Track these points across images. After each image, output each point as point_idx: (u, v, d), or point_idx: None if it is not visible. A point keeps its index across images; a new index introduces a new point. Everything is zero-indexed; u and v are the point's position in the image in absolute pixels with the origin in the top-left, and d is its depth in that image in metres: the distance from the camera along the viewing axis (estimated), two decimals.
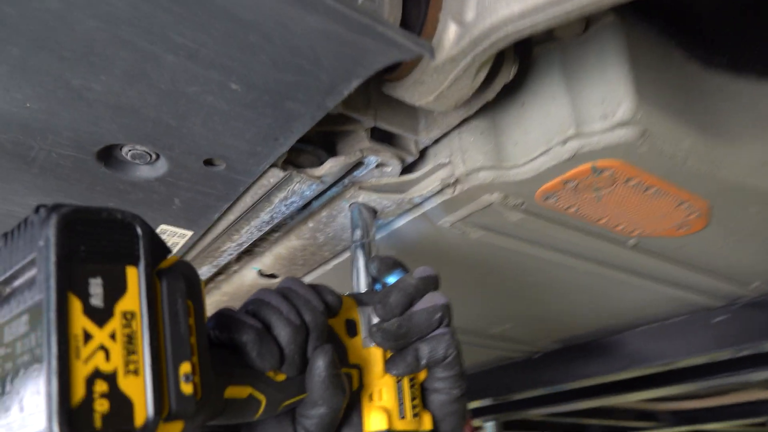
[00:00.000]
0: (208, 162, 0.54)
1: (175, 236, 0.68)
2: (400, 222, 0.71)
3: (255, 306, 0.47)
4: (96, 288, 0.32)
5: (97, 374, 0.31)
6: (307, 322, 0.46)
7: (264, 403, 0.44)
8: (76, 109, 0.45)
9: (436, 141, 0.63)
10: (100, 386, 0.31)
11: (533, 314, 1.07)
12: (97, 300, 0.32)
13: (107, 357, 0.32)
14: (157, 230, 0.67)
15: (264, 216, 0.66)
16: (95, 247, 0.33)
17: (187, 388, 0.35)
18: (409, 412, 0.52)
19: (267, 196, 0.62)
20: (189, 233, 0.68)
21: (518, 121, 0.58)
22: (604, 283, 0.91)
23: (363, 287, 0.60)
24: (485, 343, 1.24)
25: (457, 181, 0.61)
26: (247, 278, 0.86)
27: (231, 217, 0.66)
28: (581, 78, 0.54)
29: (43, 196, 0.59)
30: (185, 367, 0.35)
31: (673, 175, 0.59)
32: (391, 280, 0.58)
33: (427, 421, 0.54)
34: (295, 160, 0.59)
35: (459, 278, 0.88)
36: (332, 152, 0.61)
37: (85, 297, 0.32)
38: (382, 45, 0.37)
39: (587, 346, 1.31)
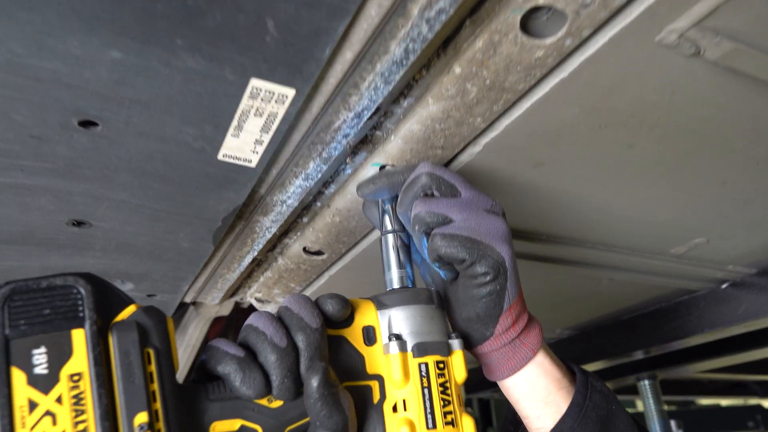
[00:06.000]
0: None
1: (272, 101, 0.49)
2: (592, 48, 0.46)
3: (244, 333, 0.46)
4: (40, 357, 0.36)
5: None
6: (297, 342, 0.45)
7: None
8: None
9: None
10: None
11: (744, 218, 0.79)
12: (41, 368, 0.35)
13: (54, 421, 0.35)
14: (248, 90, 0.48)
15: (396, 49, 0.45)
16: (36, 318, 0.36)
17: None
18: (440, 421, 0.48)
19: (402, 4, 0.41)
20: (291, 92, 0.48)
21: None
22: None
23: (395, 280, 0.57)
24: (659, 269, 0.97)
25: None
26: None
27: (348, 55, 0.45)
28: None
29: (87, 33, 0.41)
30: (140, 418, 0.37)
31: None
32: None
33: (468, 426, 0.49)
34: None
35: (652, 162, 0.63)
36: None
37: (28, 368, 0.35)
38: None
39: None
